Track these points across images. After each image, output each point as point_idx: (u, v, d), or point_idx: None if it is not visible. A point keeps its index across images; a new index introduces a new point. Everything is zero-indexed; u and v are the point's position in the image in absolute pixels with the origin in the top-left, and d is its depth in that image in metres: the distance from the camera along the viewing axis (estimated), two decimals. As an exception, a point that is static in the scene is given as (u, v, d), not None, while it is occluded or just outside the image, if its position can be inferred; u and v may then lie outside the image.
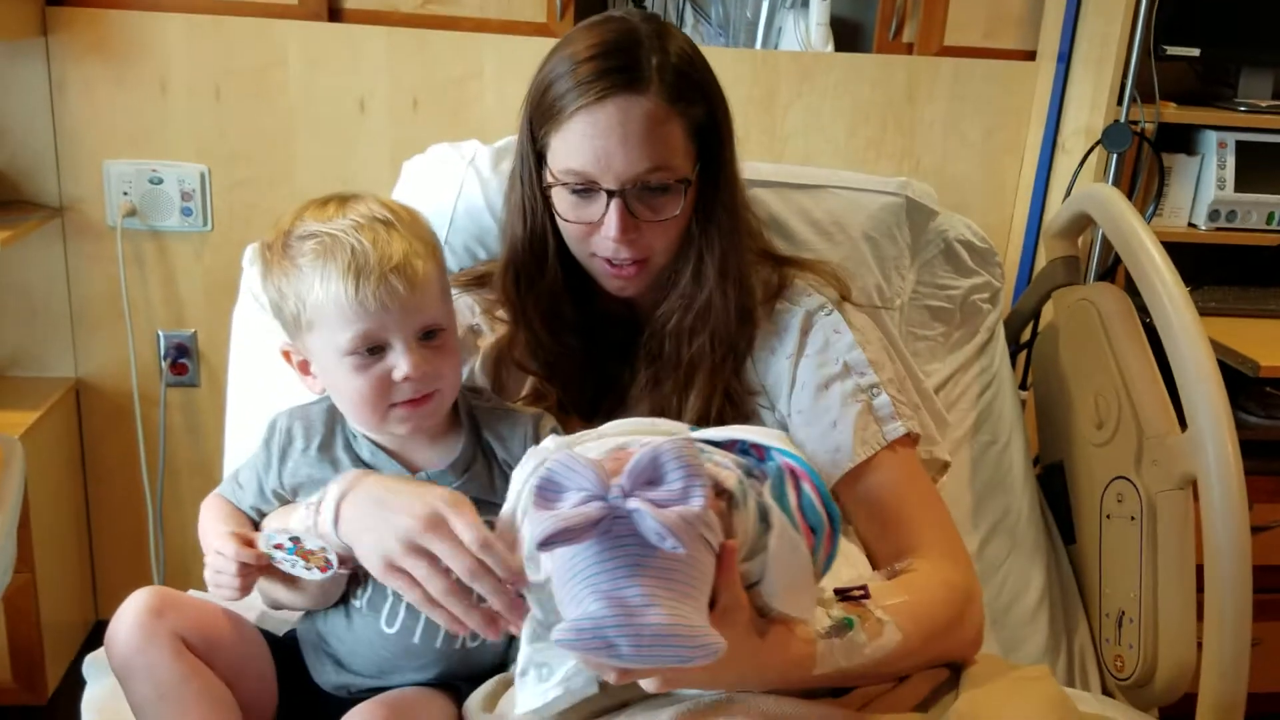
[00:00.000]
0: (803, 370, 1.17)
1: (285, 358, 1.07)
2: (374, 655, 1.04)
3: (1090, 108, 1.90)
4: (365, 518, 0.95)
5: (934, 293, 1.57)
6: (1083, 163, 1.89)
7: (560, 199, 1.11)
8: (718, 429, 0.95)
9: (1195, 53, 1.93)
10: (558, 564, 0.78)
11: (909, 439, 1.16)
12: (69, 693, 1.88)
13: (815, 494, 0.88)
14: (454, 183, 1.45)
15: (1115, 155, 1.87)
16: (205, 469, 2.03)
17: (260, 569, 1.01)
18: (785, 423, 1.17)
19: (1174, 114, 1.94)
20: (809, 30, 2.02)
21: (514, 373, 1.21)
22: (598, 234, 1.10)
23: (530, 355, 1.20)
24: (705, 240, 1.14)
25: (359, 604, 1.04)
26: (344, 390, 1.01)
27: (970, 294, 1.58)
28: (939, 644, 1.01)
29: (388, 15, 1.90)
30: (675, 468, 0.76)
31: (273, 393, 1.22)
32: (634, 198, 1.08)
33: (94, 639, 2.08)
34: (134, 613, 0.98)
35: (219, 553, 1.01)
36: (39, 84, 1.84)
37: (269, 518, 1.08)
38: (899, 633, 0.95)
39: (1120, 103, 1.86)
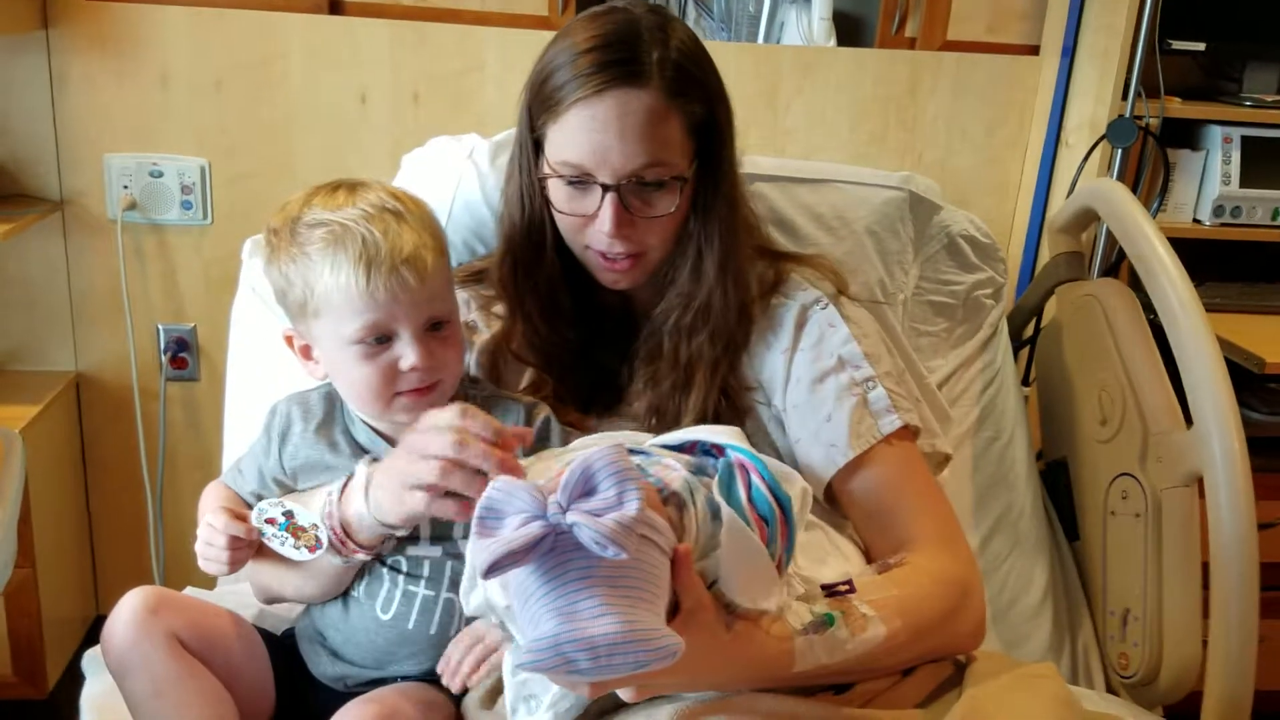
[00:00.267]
0: (797, 365, 1.16)
1: (287, 342, 1.06)
2: (370, 644, 1.04)
3: (1094, 102, 1.90)
4: (395, 460, 0.96)
5: (937, 288, 1.57)
6: (1087, 158, 1.89)
7: (556, 190, 1.11)
8: (675, 433, 0.96)
9: (1200, 47, 1.92)
10: (514, 590, 0.78)
11: (907, 432, 1.15)
12: (69, 687, 1.87)
13: (764, 486, 0.88)
14: (452, 177, 1.44)
15: (1119, 150, 1.86)
16: (205, 463, 2.02)
17: (250, 544, 1.02)
18: (782, 418, 1.16)
19: (1179, 109, 1.93)
20: (811, 25, 2.02)
21: (510, 367, 1.20)
22: (592, 227, 1.10)
23: (527, 346, 1.19)
24: (704, 237, 1.13)
25: (357, 593, 1.05)
26: (349, 378, 1.01)
27: (973, 289, 1.58)
28: (932, 638, 1.00)
29: (389, 8, 1.89)
30: (606, 475, 0.76)
31: (272, 386, 1.22)
32: (629, 192, 1.07)
33: (94, 633, 2.05)
34: (129, 611, 0.98)
35: (209, 524, 1.02)
36: (40, 77, 1.84)
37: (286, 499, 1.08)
38: (884, 627, 0.94)
39: (1125, 97, 1.85)
